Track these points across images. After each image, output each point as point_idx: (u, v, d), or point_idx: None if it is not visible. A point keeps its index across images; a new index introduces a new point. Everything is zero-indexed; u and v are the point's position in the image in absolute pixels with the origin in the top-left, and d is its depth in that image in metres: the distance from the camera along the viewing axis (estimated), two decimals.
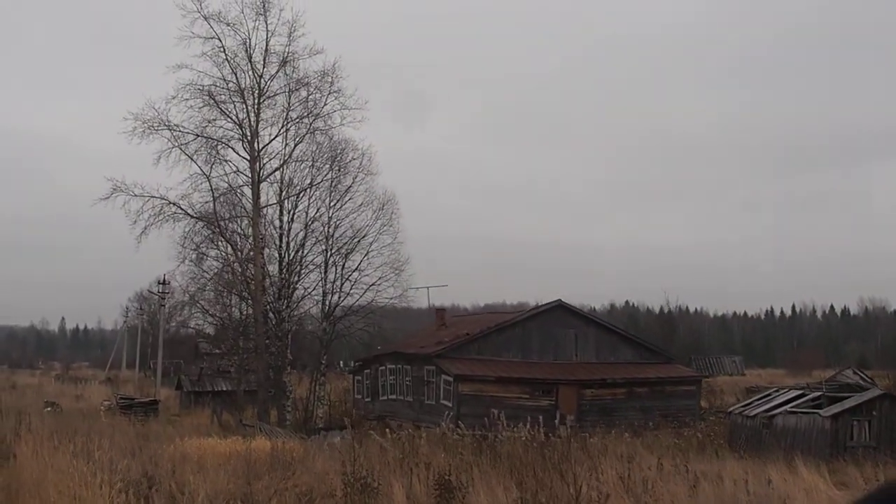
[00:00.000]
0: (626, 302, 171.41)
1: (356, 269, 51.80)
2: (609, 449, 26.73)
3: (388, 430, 32.29)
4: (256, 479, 24.55)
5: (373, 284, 51.27)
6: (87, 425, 40.68)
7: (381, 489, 19.48)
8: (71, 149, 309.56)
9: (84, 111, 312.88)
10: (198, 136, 48.15)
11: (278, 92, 49.47)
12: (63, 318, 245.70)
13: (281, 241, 52.07)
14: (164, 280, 74.25)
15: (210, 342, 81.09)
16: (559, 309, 48.73)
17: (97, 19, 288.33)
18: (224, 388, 64.53)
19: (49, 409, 57.49)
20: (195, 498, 21.62)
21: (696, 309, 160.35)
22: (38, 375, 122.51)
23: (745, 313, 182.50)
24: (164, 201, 47.51)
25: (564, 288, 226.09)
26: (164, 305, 76.49)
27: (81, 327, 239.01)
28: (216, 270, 52.85)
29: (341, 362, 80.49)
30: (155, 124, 47.19)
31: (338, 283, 51.81)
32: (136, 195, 46.98)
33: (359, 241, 51.83)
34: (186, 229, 49.13)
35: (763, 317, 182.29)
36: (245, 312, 55.26)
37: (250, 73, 48.84)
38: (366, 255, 51.76)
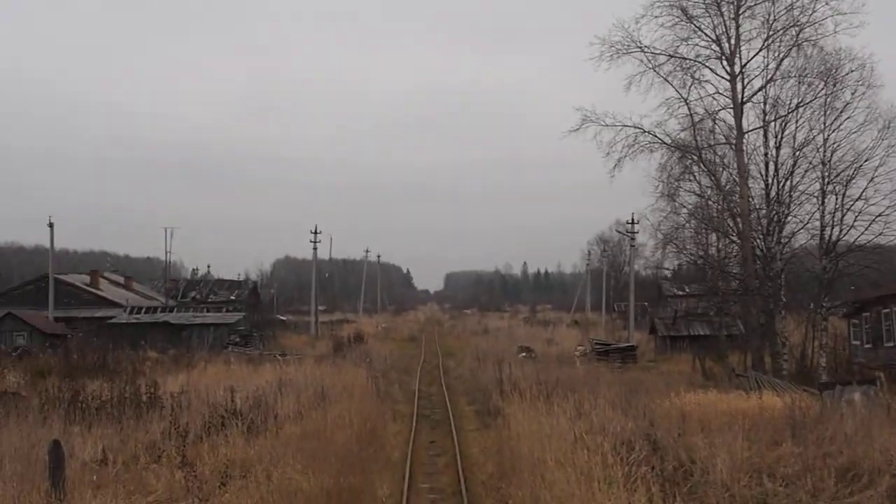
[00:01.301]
0: None
1: (859, 197, 44.63)
2: None
3: None
4: (774, 447, 19.94)
5: (880, 215, 43.91)
6: (566, 374, 37.98)
7: None
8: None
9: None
10: (671, 56, 45.35)
11: (759, 1, 44.57)
12: (525, 263, 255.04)
13: (767, 169, 46.24)
14: (633, 219, 70.78)
15: (676, 284, 77.17)
16: None
17: None
18: (702, 333, 60.27)
19: (523, 354, 56.20)
20: (710, 469, 17.36)
21: None
22: (507, 318, 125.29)
23: None
24: (637, 130, 44.81)
25: None
26: (633, 246, 73.01)
27: (542, 271, 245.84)
28: (694, 205, 48.68)
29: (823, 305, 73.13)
30: (624, 46, 44.38)
31: (838, 214, 45.00)
32: (607, 125, 44.63)
33: (860, 165, 44.63)
34: (662, 160, 45.91)
35: None
36: (724, 251, 50.71)
37: None
38: (870, 181, 44.46)
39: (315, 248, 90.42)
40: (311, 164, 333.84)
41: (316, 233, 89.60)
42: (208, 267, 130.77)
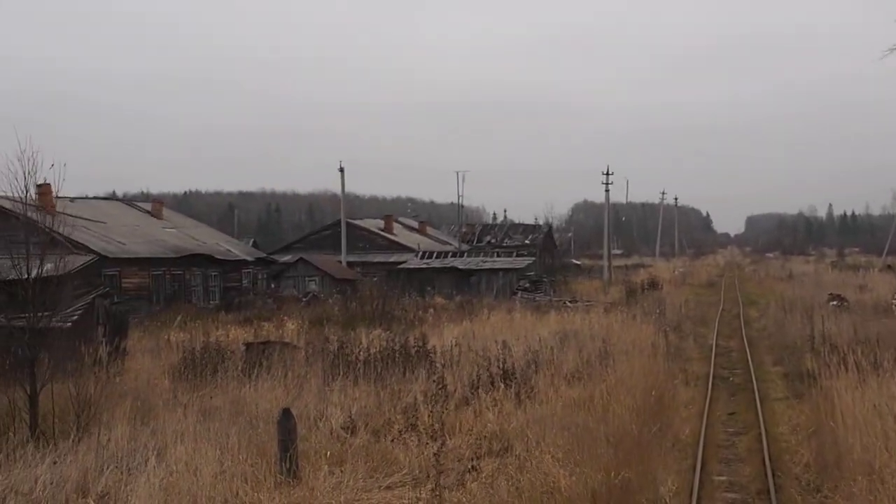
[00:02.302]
0: None
1: None
2: None
3: None
4: None
5: None
6: (887, 328, 32.82)
7: None
8: None
9: None
10: None
11: None
12: (830, 205, 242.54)
13: None
14: None
15: None
16: None
17: None
18: None
19: (834, 303, 50.60)
20: None
21: None
22: (812, 263, 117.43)
23: None
24: None
25: None
26: None
27: (849, 213, 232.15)
28: None
29: None
30: None
31: None
32: None
33: None
34: None
35: None
36: None
37: None
38: None
39: (607, 190, 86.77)
40: (610, 111, 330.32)
41: (608, 174, 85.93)
42: (505, 212, 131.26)
